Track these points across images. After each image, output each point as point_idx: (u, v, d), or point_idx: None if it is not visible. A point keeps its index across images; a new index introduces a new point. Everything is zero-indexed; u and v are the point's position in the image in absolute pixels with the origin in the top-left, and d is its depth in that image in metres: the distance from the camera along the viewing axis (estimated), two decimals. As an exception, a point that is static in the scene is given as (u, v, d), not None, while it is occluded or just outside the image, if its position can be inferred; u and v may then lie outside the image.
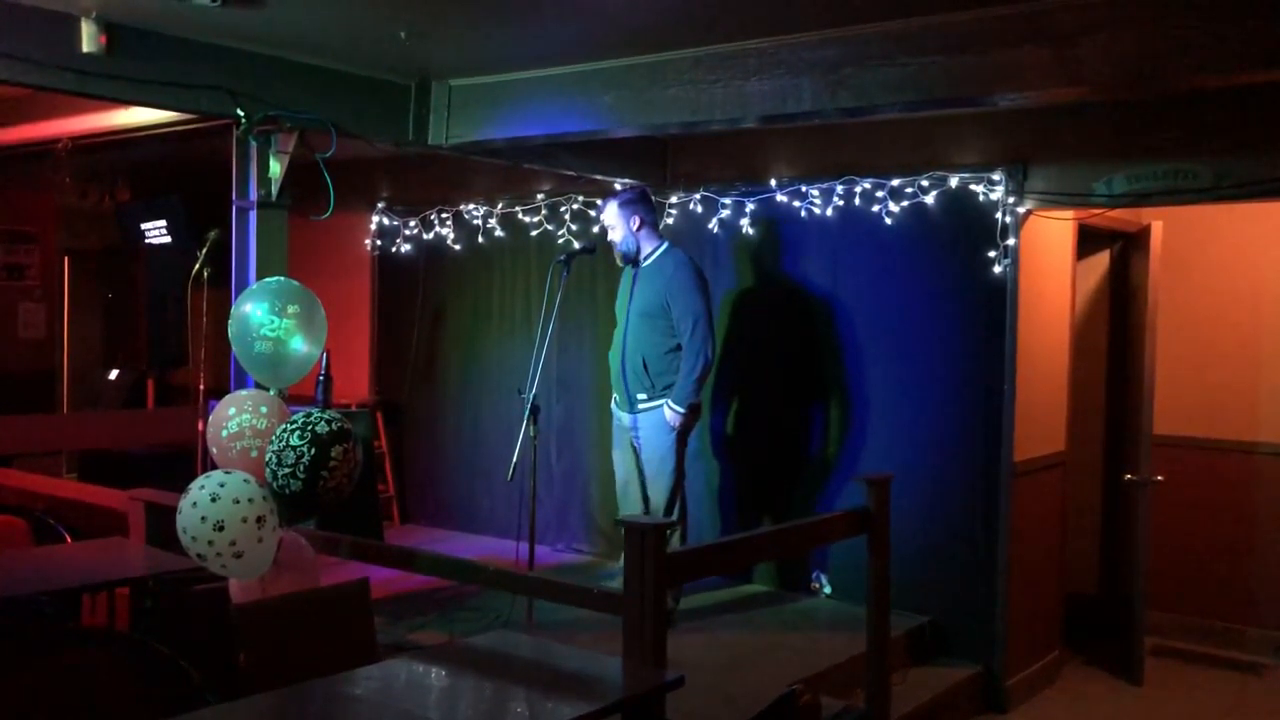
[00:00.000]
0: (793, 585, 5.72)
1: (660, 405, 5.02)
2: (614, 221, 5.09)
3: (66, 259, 8.32)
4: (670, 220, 6.01)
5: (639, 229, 5.08)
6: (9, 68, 3.83)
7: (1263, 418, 5.98)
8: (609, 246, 5.21)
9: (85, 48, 3.91)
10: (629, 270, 5.19)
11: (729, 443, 5.94)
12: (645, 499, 5.15)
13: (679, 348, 5.01)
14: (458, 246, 6.83)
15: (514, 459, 4.76)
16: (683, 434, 5.09)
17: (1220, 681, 5.67)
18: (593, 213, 6.12)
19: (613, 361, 5.20)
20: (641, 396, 5.06)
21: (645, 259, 5.11)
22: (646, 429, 5.07)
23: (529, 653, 3.26)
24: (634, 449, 5.15)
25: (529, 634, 4.46)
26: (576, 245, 5.11)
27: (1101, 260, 6.43)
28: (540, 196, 6.44)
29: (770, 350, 5.81)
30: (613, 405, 5.29)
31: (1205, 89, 3.97)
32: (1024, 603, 5.24)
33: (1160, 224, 5.64)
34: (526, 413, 4.83)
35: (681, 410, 4.97)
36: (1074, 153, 4.96)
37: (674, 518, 5.04)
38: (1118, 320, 6.29)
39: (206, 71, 4.30)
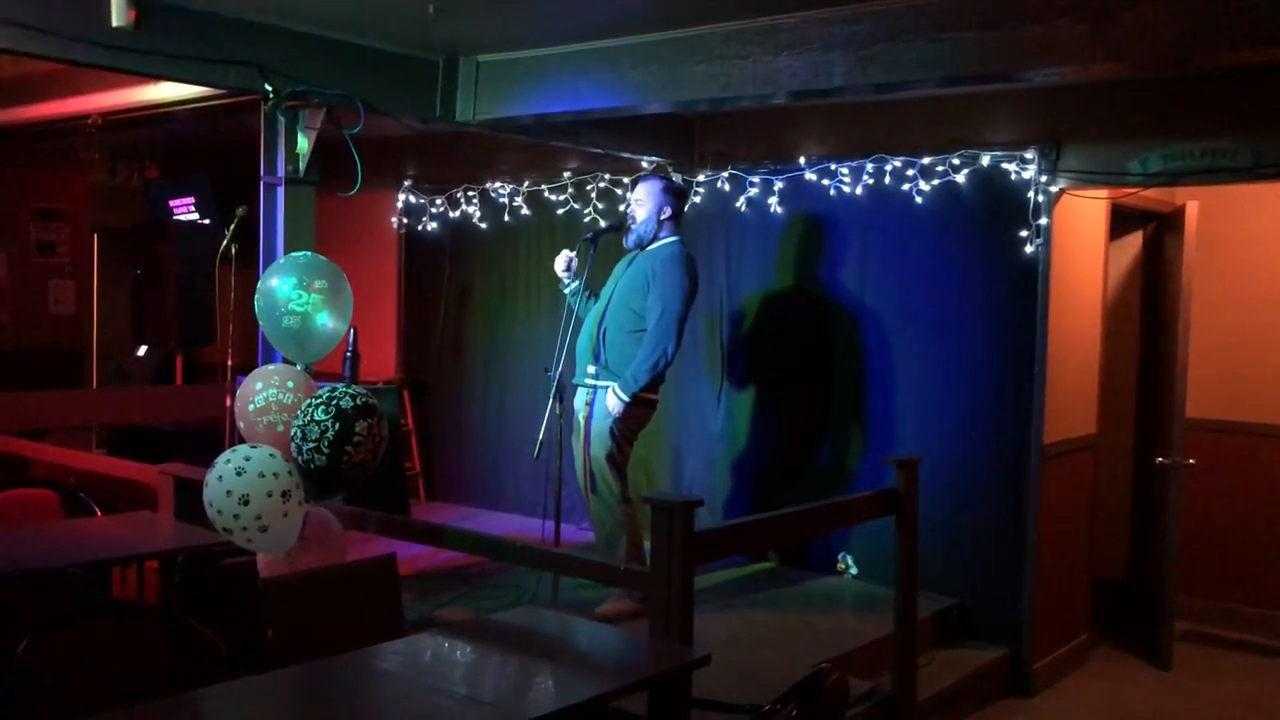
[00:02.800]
0: (811, 564, 5.70)
1: (606, 385, 4.78)
2: (645, 199, 4.89)
3: (96, 236, 8.38)
4: (697, 199, 5.97)
5: (665, 219, 4.91)
6: (39, 42, 3.84)
7: (1297, 401, 5.91)
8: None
9: (115, 22, 3.90)
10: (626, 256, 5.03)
11: (756, 422, 5.91)
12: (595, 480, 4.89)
13: (640, 335, 4.77)
14: (484, 225, 6.81)
15: (539, 437, 4.75)
16: (626, 433, 4.82)
17: (1250, 667, 5.61)
18: (620, 191, 6.09)
19: (580, 338, 4.99)
20: (591, 370, 4.83)
21: (650, 246, 4.94)
22: (594, 404, 4.83)
23: (555, 629, 3.26)
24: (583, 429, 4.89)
25: (555, 611, 4.46)
26: (603, 224, 5.05)
27: (1134, 241, 6.34)
28: (566, 175, 6.42)
29: (798, 331, 5.77)
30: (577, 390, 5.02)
31: (1244, 65, 3.88)
32: (1052, 586, 5.20)
33: (1196, 204, 5.56)
34: (552, 391, 4.81)
35: (625, 398, 4.68)
36: (1108, 131, 4.88)
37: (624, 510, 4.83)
38: (1150, 301, 6.21)
39: (235, 47, 4.29)
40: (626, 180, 5.27)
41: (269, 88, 4.39)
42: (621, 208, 5.06)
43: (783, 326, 5.82)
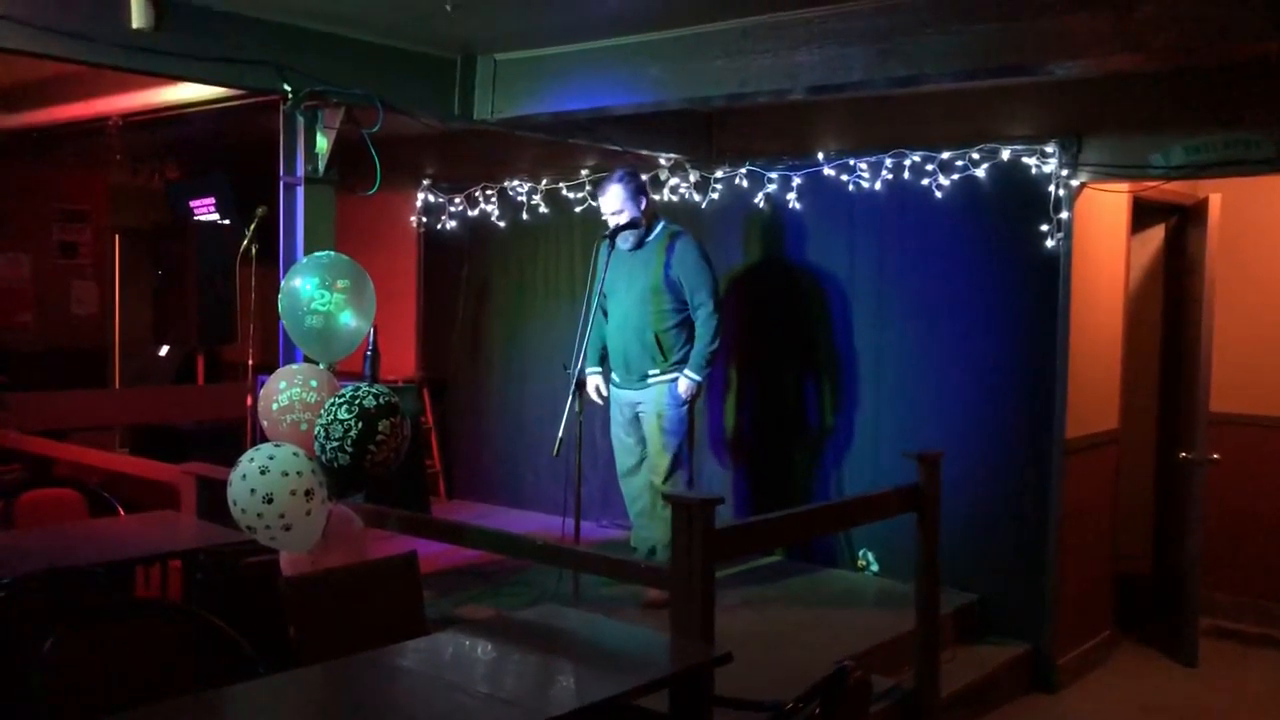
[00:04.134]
0: (831, 560, 5.69)
1: (672, 378, 5.02)
2: (620, 204, 4.98)
3: (117, 237, 8.43)
4: (715, 195, 5.96)
5: (643, 208, 5.03)
6: (60, 44, 3.87)
7: (1323, 395, 5.85)
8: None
9: (135, 24, 3.93)
10: (617, 250, 5.03)
11: (776, 419, 5.90)
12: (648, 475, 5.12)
13: (685, 322, 5.03)
14: (502, 223, 6.82)
15: (559, 434, 4.76)
16: (690, 408, 5.12)
17: (1276, 663, 5.56)
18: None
19: (613, 341, 5.16)
20: (653, 371, 5.05)
21: (648, 238, 5.07)
22: (654, 401, 5.05)
23: (576, 627, 3.26)
24: (639, 427, 5.14)
25: (576, 608, 4.47)
26: (612, 224, 5.05)
27: (1156, 234, 6.29)
28: (584, 172, 6.41)
29: (818, 325, 5.75)
30: (612, 386, 5.25)
31: (1266, 55, 3.84)
32: (1075, 581, 5.16)
33: (1219, 196, 5.50)
34: (572, 388, 4.82)
35: (698, 378, 4.99)
36: (1130, 123, 4.84)
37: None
38: (1172, 295, 6.15)
39: (254, 47, 4.31)
40: (644, 177, 5.26)
41: (288, 87, 4.41)
42: (613, 218, 5.04)
43: (800, 323, 5.80)
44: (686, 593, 3.17)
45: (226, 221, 7.65)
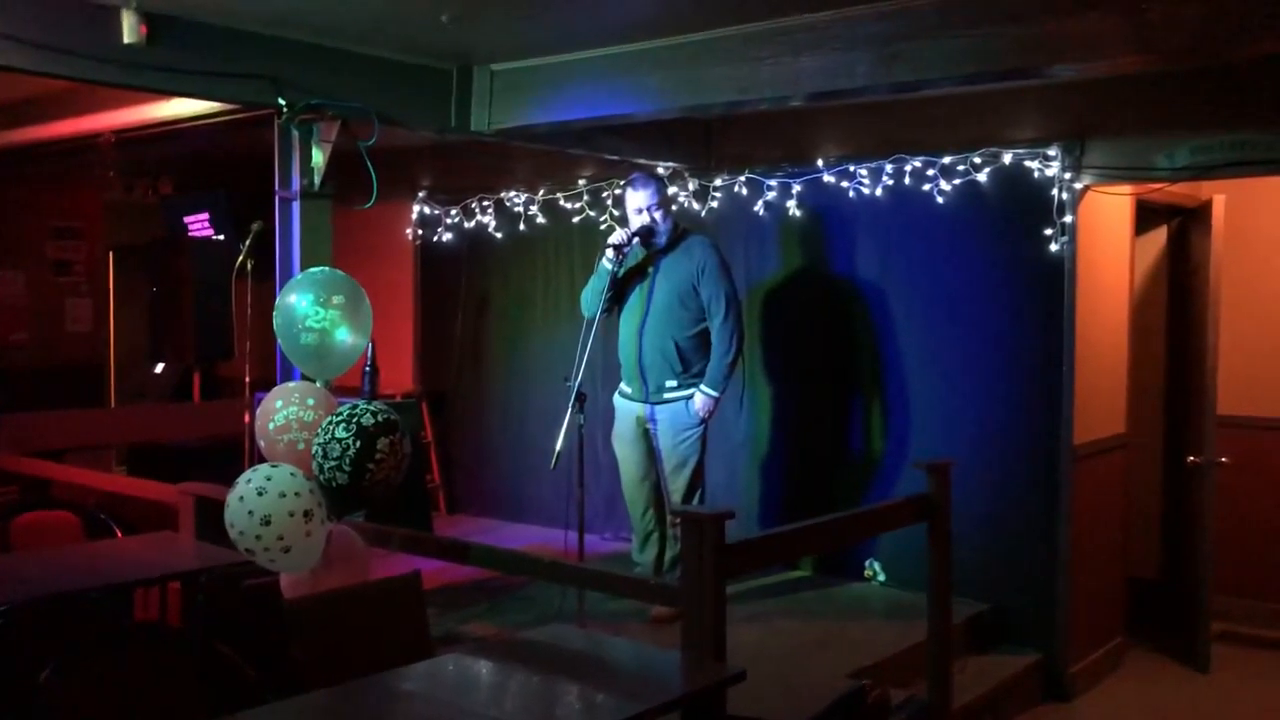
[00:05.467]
0: (838, 571, 5.62)
1: (689, 393, 4.91)
2: (655, 202, 4.90)
3: (112, 254, 8.36)
4: (715, 204, 5.91)
5: (669, 213, 5.00)
6: (51, 60, 3.81)
7: (1331, 396, 5.80)
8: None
9: (126, 39, 3.87)
10: (633, 254, 5.00)
11: (781, 430, 5.84)
12: (661, 494, 5.04)
13: (705, 333, 4.93)
14: (499, 235, 6.76)
15: (557, 447, 4.69)
16: (706, 433, 4.99)
17: (1290, 668, 5.52)
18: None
19: (627, 351, 5.05)
20: (671, 384, 4.94)
21: (678, 245, 4.98)
22: (670, 419, 4.95)
23: (583, 647, 3.20)
24: (649, 442, 5.04)
25: (581, 625, 4.40)
26: (635, 225, 4.98)
27: (1159, 237, 6.25)
28: (582, 182, 6.36)
29: (821, 335, 5.70)
30: (618, 397, 5.16)
31: (1271, 55, 3.80)
32: (1086, 589, 5.11)
33: (1222, 198, 5.46)
34: (572, 400, 4.75)
35: (716, 394, 4.87)
36: (1134, 125, 4.80)
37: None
38: (1176, 298, 6.11)
39: (248, 60, 4.26)
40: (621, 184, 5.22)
41: (282, 101, 4.35)
42: (636, 217, 4.97)
43: (804, 331, 5.75)
44: (698, 609, 3.10)
45: (222, 237, 7.58)
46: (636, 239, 4.96)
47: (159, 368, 7.96)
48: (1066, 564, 4.97)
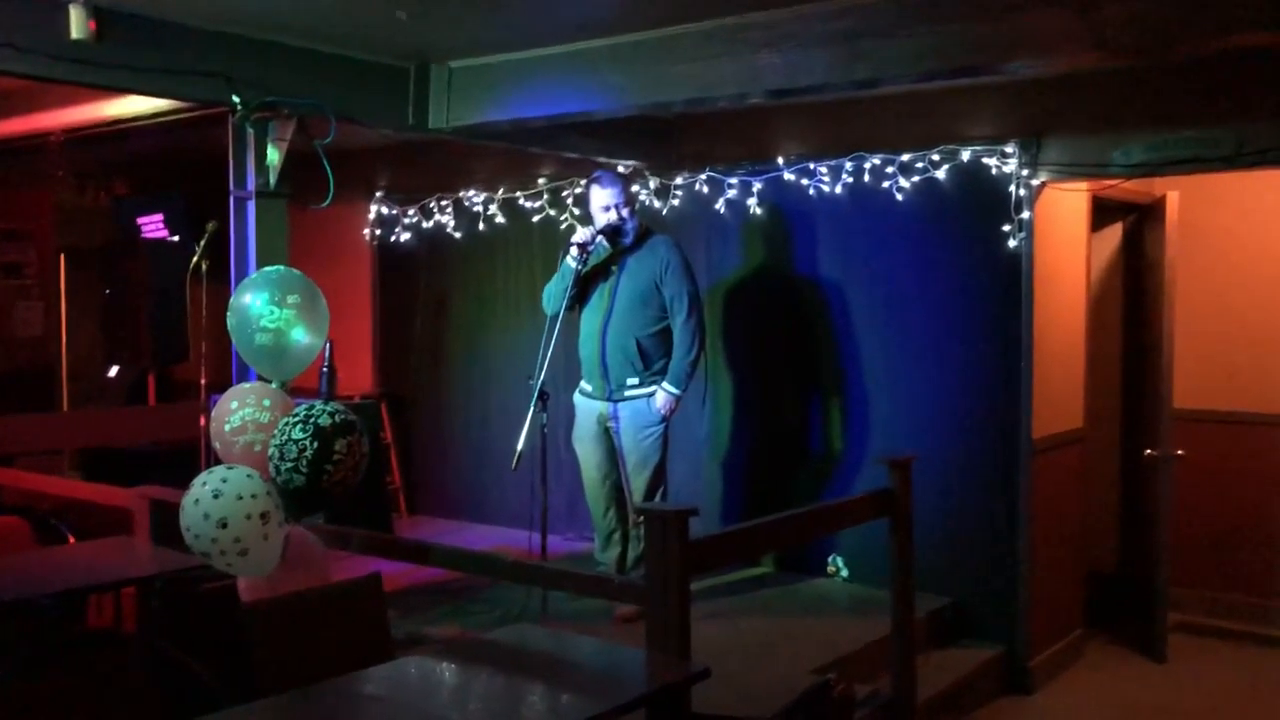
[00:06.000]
0: (800, 567, 5.63)
1: (651, 391, 4.92)
2: (614, 200, 4.91)
3: (63, 256, 8.21)
4: (676, 202, 5.90)
5: (635, 212, 5.02)
6: (-3, 57, 3.73)
7: (1284, 389, 5.89)
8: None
9: (74, 34, 3.79)
10: (597, 252, 5.00)
11: (743, 428, 5.84)
12: (623, 493, 5.04)
13: (666, 331, 4.94)
14: (458, 235, 6.72)
15: (519, 447, 4.66)
16: (668, 431, 5.00)
17: (1246, 658, 5.59)
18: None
19: (589, 348, 5.04)
20: (632, 382, 4.94)
21: (644, 244, 5.00)
22: (632, 416, 4.94)
23: (547, 646, 3.17)
24: (610, 441, 5.04)
25: (544, 625, 4.37)
26: (600, 224, 4.95)
27: (1115, 233, 6.32)
28: (541, 181, 6.33)
29: (781, 332, 5.71)
30: (578, 396, 5.14)
31: (1227, 51, 3.85)
32: (1045, 582, 5.15)
33: (1176, 194, 5.53)
34: (534, 399, 4.72)
35: (678, 392, 4.89)
36: (1089, 123, 4.85)
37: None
38: (1132, 293, 6.18)
39: (201, 57, 4.19)
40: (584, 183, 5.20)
41: (237, 99, 4.29)
42: (602, 215, 4.96)
43: (766, 329, 5.76)
44: (662, 607, 3.09)
45: (176, 238, 7.47)
46: (601, 237, 4.95)
47: (113, 371, 7.82)
48: (1027, 557, 5.01)
